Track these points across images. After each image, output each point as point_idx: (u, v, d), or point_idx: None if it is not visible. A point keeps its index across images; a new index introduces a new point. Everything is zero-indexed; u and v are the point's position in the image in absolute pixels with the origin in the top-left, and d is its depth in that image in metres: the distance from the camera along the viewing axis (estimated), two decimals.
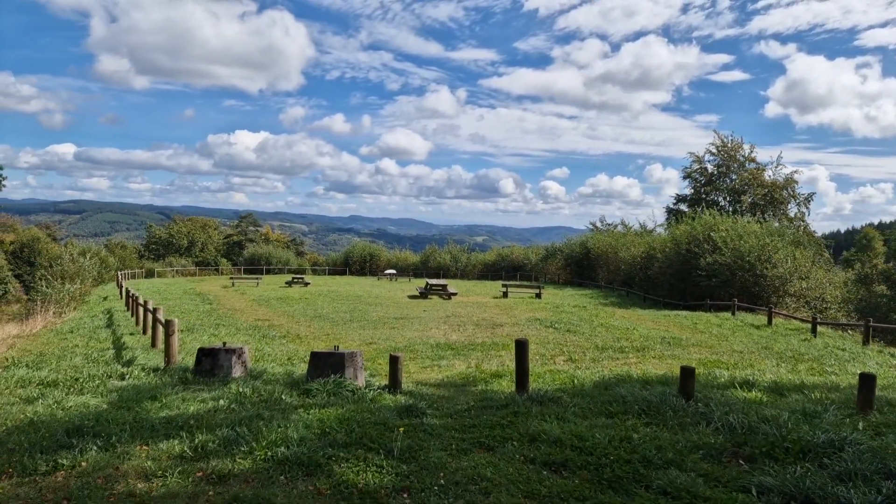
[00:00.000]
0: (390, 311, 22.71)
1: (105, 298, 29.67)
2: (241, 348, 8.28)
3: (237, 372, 8.06)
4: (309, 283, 41.74)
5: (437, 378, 9.26)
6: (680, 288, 33.57)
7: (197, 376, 7.87)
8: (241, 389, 7.04)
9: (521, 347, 7.14)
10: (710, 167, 52.63)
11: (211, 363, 7.94)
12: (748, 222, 33.13)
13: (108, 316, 19.28)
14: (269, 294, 31.42)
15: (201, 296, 30.04)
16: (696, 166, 53.48)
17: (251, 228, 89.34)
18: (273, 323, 18.09)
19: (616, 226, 59.93)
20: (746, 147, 51.64)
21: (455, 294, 30.77)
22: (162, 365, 8.82)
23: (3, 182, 33.03)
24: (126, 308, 22.23)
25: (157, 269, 55.53)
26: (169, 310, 22.26)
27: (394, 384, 7.29)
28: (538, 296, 32.37)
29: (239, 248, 78.37)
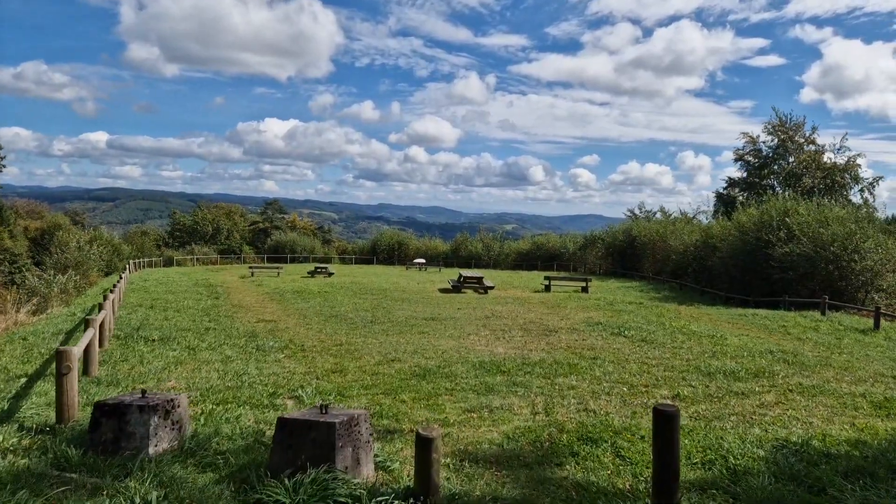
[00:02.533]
0: (419, 309, 19.42)
1: (105, 291, 27.04)
2: (173, 400, 5.00)
3: (160, 443, 4.78)
4: (332, 273, 38.80)
5: (490, 440, 5.87)
6: (744, 281, 29.62)
7: (88, 453, 4.62)
8: (140, 498, 3.76)
9: (668, 427, 3.71)
10: (764, 149, 48.19)
11: (115, 429, 4.69)
12: (833, 206, 28.95)
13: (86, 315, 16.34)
14: (287, 286, 28.44)
15: (211, 288, 27.19)
16: (749, 147, 49.05)
17: (277, 215, 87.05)
18: (278, 326, 14.93)
19: (655, 213, 55.97)
20: (808, 128, 47.03)
21: (492, 288, 27.32)
22: (57, 420, 5.59)
23: (3, 164, 30.63)
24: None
25: (176, 257, 53.21)
26: (165, 306, 19.36)
27: (425, 488, 3.92)
28: (585, 289, 28.74)
29: (265, 235, 76.05)
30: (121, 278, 24.84)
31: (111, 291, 15.68)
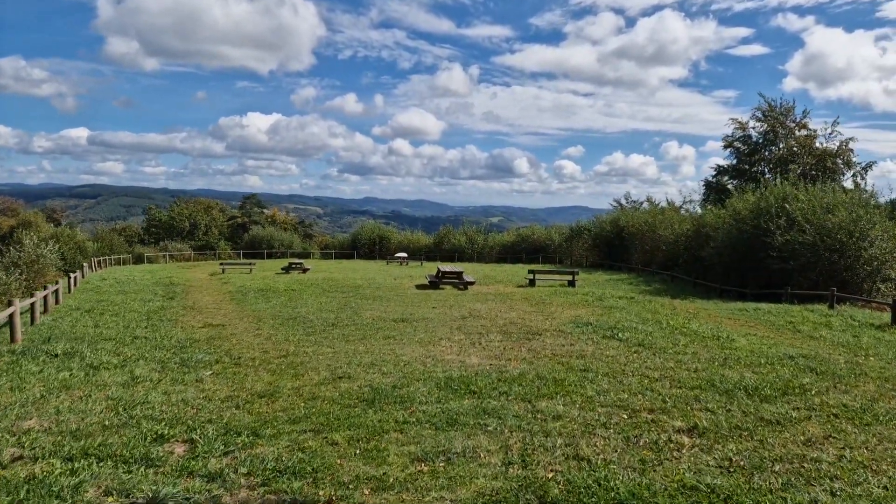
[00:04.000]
0: (390, 308, 17.55)
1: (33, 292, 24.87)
2: None
3: None
4: (308, 269, 36.79)
5: None
6: (739, 271, 28.07)
7: None
8: None
9: None
10: (754, 134, 46.71)
11: None
12: (832, 190, 27.47)
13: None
14: (255, 284, 26.45)
15: (170, 287, 25.14)
16: (738, 133, 47.52)
17: (256, 210, 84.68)
18: (223, 332, 12.99)
19: (642, 203, 54.48)
20: (798, 112, 45.60)
21: (472, 283, 25.49)
22: None
23: None
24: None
25: (147, 253, 50.83)
26: (104, 309, 17.27)
27: None
28: (571, 283, 27.01)
29: (243, 230, 73.74)
30: (69, 277, 22.74)
31: (31, 295, 13.65)
